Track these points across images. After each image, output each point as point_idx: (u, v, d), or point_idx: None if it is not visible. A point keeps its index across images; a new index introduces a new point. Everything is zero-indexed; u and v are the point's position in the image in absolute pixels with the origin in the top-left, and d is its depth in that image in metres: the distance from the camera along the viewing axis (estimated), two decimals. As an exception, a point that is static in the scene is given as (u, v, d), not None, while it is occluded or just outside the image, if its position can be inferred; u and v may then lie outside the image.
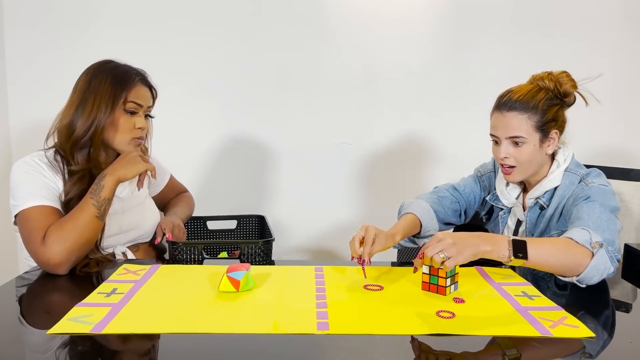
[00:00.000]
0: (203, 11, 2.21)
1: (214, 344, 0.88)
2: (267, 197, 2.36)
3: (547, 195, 1.36)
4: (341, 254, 2.42)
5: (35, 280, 1.18)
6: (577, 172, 1.34)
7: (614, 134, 2.24)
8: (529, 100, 1.30)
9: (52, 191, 1.26)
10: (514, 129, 1.30)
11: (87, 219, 1.22)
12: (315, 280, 1.17)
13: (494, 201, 1.48)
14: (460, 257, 1.05)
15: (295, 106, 2.29)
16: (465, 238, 1.09)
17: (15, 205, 1.24)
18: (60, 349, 0.85)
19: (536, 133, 1.30)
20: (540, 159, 1.34)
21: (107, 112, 1.29)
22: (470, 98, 2.28)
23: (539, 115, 1.29)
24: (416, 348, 0.88)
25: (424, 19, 2.25)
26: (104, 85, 1.30)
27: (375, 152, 2.34)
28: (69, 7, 2.18)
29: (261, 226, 1.70)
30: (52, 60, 2.19)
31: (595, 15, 2.23)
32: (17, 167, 1.29)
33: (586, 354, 0.87)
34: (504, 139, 1.32)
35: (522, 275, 1.23)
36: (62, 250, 1.17)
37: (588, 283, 1.12)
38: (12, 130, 2.24)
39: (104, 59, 1.37)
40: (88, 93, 1.29)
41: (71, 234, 1.19)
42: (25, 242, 1.22)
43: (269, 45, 2.24)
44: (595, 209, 1.20)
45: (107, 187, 1.26)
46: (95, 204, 1.24)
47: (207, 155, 2.31)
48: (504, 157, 1.32)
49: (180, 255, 1.31)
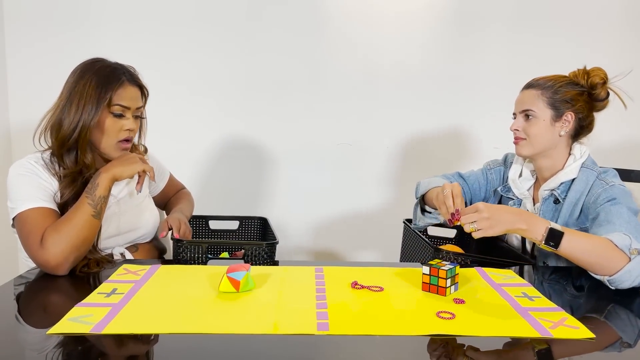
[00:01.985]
0: (203, 11, 2.21)
1: (213, 344, 0.88)
2: (267, 197, 2.36)
3: (562, 187, 1.37)
4: (341, 254, 2.42)
5: (34, 280, 1.18)
6: (594, 169, 1.36)
7: (613, 135, 2.24)
8: (547, 81, 1.38)
9: (48, 193, 1.26)
10: (526, 102, 1.39)
11: (83, 218, 1.21)
12: (316, 280, 1.17)
13: (505, 192, 1.50)
14: (490, 231, 1.13)
15: (295, 107, 2.29)
16: (503, 214, 1.15)
17: (13, 208, 1.24)
18: (60, 349, 0.85)
19: (548, 109, 1.36)
20: (550, 139, 1.37)
21: (92, 114, 1.26)
22: (471, 98, 2.29)
23: (552, 92, 1.36)
24: (416, 349, 0.88)
25: (424, 20, 2.25)
26: (89, 86, 1.27)
27: (375, 153, 2.34)
28: (69, 6, 2.18)
29: (263, 228, 1.69)
30: (53, 60, 2.19)
31: (596, 15, 2.23)
32: (13, 169, 1.28)
33: (586, 355, 0.87)
34: (518, 113, 1.41)
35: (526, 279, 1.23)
36: (60, 252, 1.17)
37: (618, 286, 1.13)
38: (12, 130, 2.24)
39: (93, 58, 1.34)
40: (74, 94, 1.27)
41: (68, 235, 1.18)
42: (24, 244, 1.22)
43: (270, 47, 2.24)
44: (623, 213, 1.22)
45: (101, 185, 1.24)
46: (91, 202, 1.23)
47: (207, 156, 2.31)
48: (515, 129, 1.40)
49: (185, 253, 1.31)
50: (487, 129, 2.28)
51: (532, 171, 1.47)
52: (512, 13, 2.24)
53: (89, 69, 1.29)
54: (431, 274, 1.09)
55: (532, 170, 1.47)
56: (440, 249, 1.36)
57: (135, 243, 1.44)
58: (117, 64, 1.34)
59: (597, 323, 1.00)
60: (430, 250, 1.38)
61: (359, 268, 1.26)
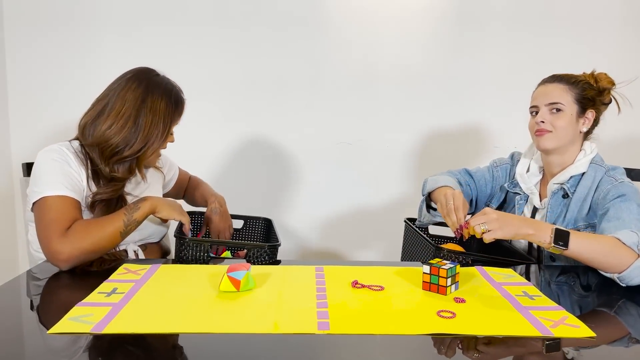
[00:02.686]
0: (205, 12, 2.21)
1: (214, 343, 0.88)
2: (268, 198, 2.36)
3: (572, 181, 1.38)
4: (342, 254, 2.42)
5: (35, 280, 1.18)
6: (603, 165, 1.38)
7: (613, 133, 2.24)
8: (570, 78, 1.40)
9: (76, 182, 1.27)
10: (554, 96, 1.38)
11: (111, 230, 1.24)
12: (316, 280, 1.17)
13: (512, 187, 1.51)
14: (500, 232, 1.14)
15: (296, 107, 2.29)
16: (510, 218, 1.17)
17: (37, 192, 1.23)
18: (61, 348, 0.85)
19: (575, 105, 1.37)
20: (573, 134, 1.38)
21: (162, 136, 1.32)
22: (471, 98, 2.28)
23: (578, 89, 1.37)
24: (417, 348, 0.88)
25: (424, 19, 2.25)
26: (160, 107, 1.31)
27: (375, 152, 2.34)
28: (69, 7, 2.18)
29: (267, 228, 1.69)
30: (53, 60, 2.19)
31: (596, 14, 2.23)
32: (45, 154, 1.28)
33: (587, 353, 0.87)
34: (543, 106, 1.39)
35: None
36: (78, 249, 1.18)
37: (629, 283, 1.14)
38: (12, 130, 2.24)
39: (147, 67, 1.37)
40: (144, 113, 1.30)
41: (93, 238, 1.21)
42: (42, 229, 1.21)
43: (270, 47, 2.24)
44: (633, 209, 1.23)
45: (142, 210, 1.29)
46: (125, 220, 1.26)
47: (211, 155, 2.31)
48: (541, 121, 1.38)
49: (186, 251, 1.31)
50: (487, 128, 2.28)
51: (540, 167, 1.48)
52: (512, 12, 2.24)
53: (155, 85, 1.33)
54: (432, 273, 1.09)
55: (540, 167, 1.48)
56: (441, 247, 1.36)
57: (145, 242, 1.44)
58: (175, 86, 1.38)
59: (597, 322, 1.00)
60: (431, 249, 1.38)
61: (360, 267, 1.26)
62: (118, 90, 1.31)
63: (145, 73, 1.35)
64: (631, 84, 1.38)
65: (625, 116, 1.41)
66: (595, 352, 0.88)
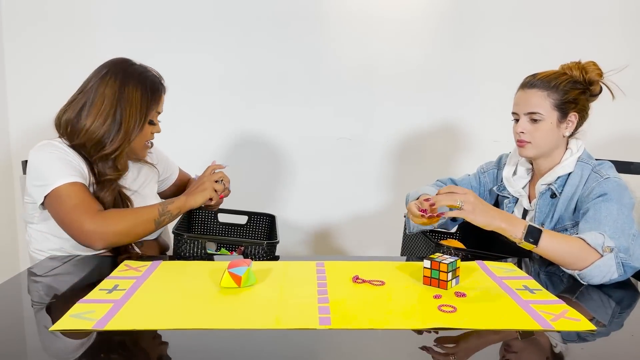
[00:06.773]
0: (204, 9, 2.20)
1: (215, 339, 0.88)
2: (267, 194, 2.36)
3: (559, 182, 1.37)
4: (342, 249, 2.43)
5: (36, 277, 1.18)
6: (590, 163, 1.36)
7: (613, 126, 2.24)
8: (550, 80, 1.34)
9: (80, 170, 1.28)
10: (532, 105, 1.34)
11: (145, 217, 1.28)
12: (317, 275, 1.17)
13: (501, 191, 1.50)
14: (471, 216, 1.14)
15: (295, 102, 2.29)
16: (486, 207, 1.17)
17: (45, 185, 1.23)
18: (63, 345, 0.85)
19: (554, 111, 1.33)
20: (555, 140, 1.36)
21: (139, 125, 1.32)
22: (470, 94, 2.28)
23: (558, 94, 1.33)
24: (418, 342, 0.88)
25: (423, 15, 2.24)
26: (135, 97, 1.31)
27: (374, 148, 2.34)
28: (69, 6, 2.17)
29: (271, 225, 1.69)
30: (52, 60, 2.19)
31: (596, 10, 2.23)
32: (40, 150, 1.28)
33: (587, 347, 0.87)
34: (523, 114, 1.36)
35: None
36: (112, 229, 1.22)
37: (589, 281, 1.14)
38: (12, 130, 2.24)
39: (122, 58, 1.36)
40: (121, 106, 1.29)
41: (127, 221, 1.25)
42: (68, 215, 1.22)
43: (270, 43, 2.24)
44: (613, 210, 1.21)
45: (176, 204, 1.34)
46: (161, 210, 1.30)
47: (211, 152, 2.31)
48: (520, 132, 1.36)
49: (184, 247, 1.31)
50: (487, 123, 2.28)
51: (528, 169, 1.46)
52: (512, 9, 2.23)
53: (131, 75, 1.32)
54: (432, 267, 1.10)
55: (527, 169, 1.46)
56: (441, 244, 1.36)
57: (141, 239, 1.44)
58: (152, 72, 1.37)
59: (598, 315, 1.00)
60: (431, 245, 1.38)
61: (360, 262, 1.26)
62: (95, 87, 1.31)
63: (120, 64, 1.34)
64: (622, 71, 1.36)
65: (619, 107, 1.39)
66: (596, 344, 0.88)
